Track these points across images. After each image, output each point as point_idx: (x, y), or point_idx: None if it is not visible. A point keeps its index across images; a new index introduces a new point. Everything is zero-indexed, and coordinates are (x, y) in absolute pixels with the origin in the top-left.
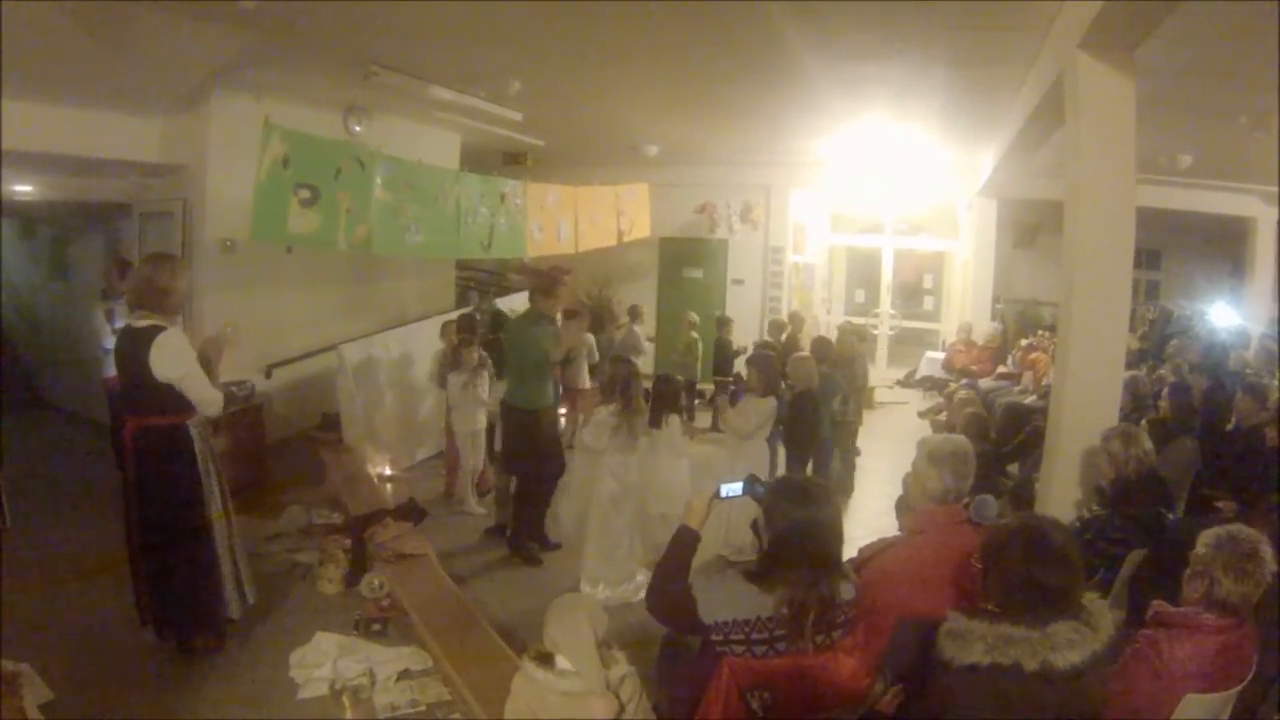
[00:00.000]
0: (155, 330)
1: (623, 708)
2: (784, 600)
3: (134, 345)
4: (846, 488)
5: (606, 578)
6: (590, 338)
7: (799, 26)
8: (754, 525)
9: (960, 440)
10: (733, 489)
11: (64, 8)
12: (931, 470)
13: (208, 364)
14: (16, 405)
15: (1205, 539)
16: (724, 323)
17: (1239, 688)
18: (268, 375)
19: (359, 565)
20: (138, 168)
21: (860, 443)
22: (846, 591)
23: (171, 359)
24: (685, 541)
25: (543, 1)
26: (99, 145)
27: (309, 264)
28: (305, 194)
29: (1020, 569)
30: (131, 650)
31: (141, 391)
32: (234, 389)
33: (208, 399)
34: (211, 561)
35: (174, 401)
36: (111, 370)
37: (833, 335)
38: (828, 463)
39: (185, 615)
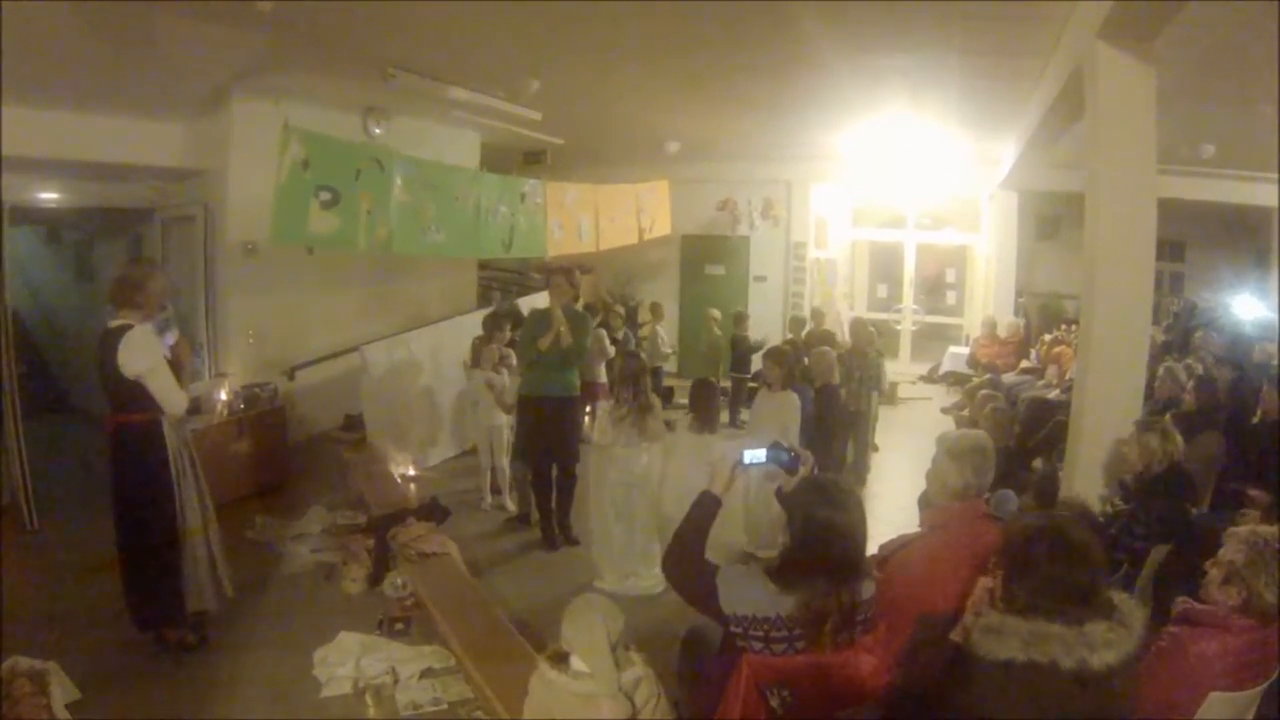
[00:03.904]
0: (125, 328)
1: (636, 710)
2: (803, 605)
3: (106, 344)
4: (860, 479)
5: (613, 572)
6: (603, 333)
7: (817, 20)
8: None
9: (980, 435)
10: (756, 456)
11: (82, 13)
12: (951, 466)
13: (177, 366)
14: (42, 409)
15: (1236, 546)
16: (741, 319)
17: (1264, 685)
18: (290, 377)
19: (382, 565)
20: (159, 172)
21: (882, 437)
22: (867, 589)
23: (136, 355)
24: (705, 506)
25: (560, 1)
26: (120, 151)
27: (330, 266)
28: (326, 196)
29: (1045, 570)
30: (156, 649)
31: (115, 389)
32: (257, 390)
33: (170, 397)
34: (178, 555)
35: (147, 398)
36: None
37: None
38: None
39: (154, 607)
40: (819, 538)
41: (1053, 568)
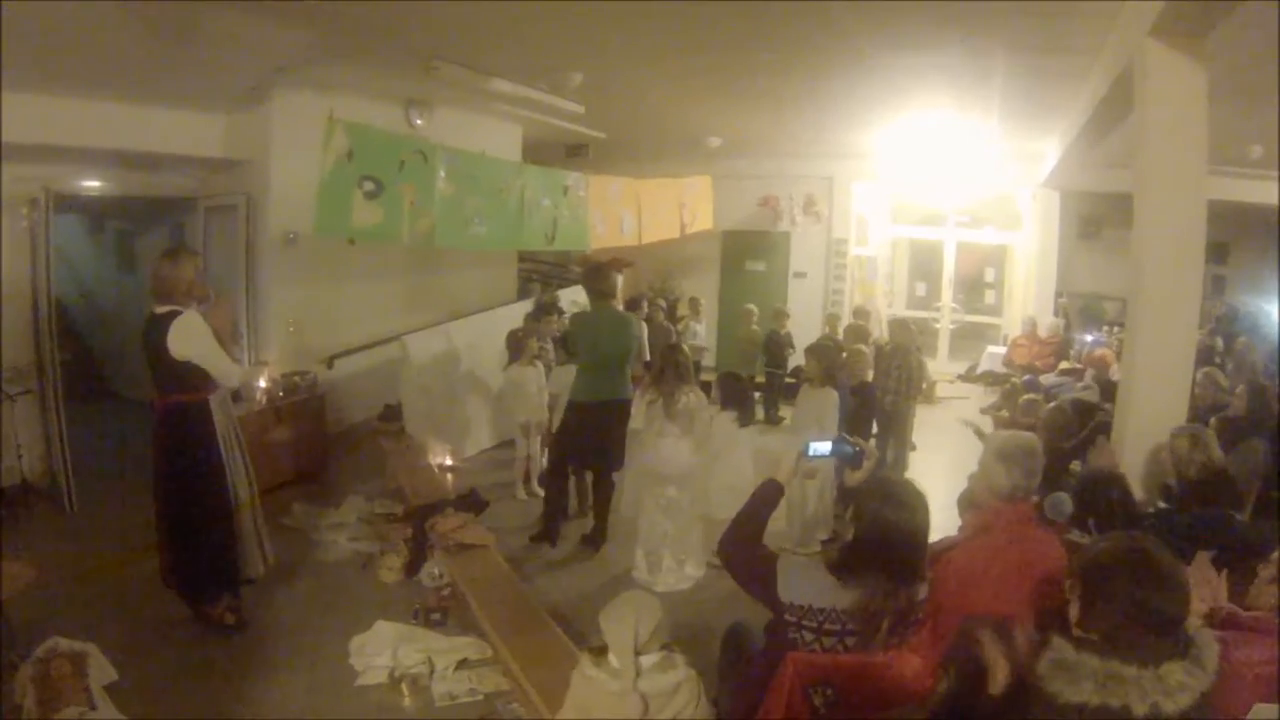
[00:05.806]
0: (173, 314)
1: (647, 707)
2: (862, 602)
3: (154, 330)
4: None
5: (648, 561)
6: (644, 328)
7: (859, 16)
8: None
9: (1029, 437)
10: (820, 448)
11: (126, 5)
12: (999, 467)
13: (221, 339)
14: (86, 395)
15: None
16: (780, 315)
17: None
18: (330, 366)
19: (419, 555)
20: (201, 163)
21: (920, 437)
22: (921, 591)
23: (187, 338)
24: (768, 492)
25: None
26: (164, 141)
27: (371, 256)
28: (369, 187)
29: (1130, 598)
30: (194, 635)
31: (165, 372)
32: (296, 378)
33: (225, 371)
34: (232, 524)
35: (195, 380)
36: None
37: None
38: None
39: (205, 576)
40: (885, 537)
41: (1136, 596)
